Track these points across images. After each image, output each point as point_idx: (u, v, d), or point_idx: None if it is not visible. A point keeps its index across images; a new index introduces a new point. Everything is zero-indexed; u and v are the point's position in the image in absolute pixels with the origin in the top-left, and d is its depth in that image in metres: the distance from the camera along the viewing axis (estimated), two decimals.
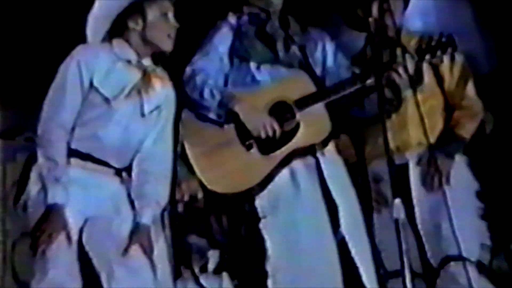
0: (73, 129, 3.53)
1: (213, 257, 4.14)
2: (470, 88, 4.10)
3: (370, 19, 3.86)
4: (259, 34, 4.05)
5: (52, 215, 3.41)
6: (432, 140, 3.95)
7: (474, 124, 4.09)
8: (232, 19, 4.12)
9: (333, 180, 3.88)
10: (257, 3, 4.12)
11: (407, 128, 4.02)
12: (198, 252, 4.12)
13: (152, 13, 3.63)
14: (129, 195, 3.64)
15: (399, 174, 3.83)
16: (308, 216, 3.79)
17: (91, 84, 3.53)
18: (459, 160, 4.04)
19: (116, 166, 3.62)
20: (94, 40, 3.64)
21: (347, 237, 3.79)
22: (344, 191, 3.89)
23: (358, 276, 3.75)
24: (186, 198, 3.83)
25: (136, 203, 3.63)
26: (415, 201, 3.97)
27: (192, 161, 3.87)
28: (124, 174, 3.65)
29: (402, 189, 3.68)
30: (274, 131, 3.85)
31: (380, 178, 3.99)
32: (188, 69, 3.96)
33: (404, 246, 3.34)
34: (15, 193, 3.63)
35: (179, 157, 3.82)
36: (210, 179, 3.87)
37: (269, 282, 3.75)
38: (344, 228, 3.80)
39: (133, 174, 3.66)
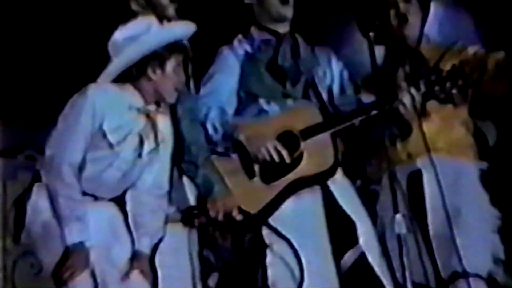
0: (80, 168, 3.54)
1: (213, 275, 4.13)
2: None
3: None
4: (269, 67, 4.01)
5: (75, 254, 3.44)
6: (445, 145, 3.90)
7: None
8: (239, 47, 4.07)
9: (346, 201, 3.90)
10: (266, 23, 4.07)
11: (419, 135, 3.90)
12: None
13: (170, 65, 3.61)
14: (125, 220, 3.68)
15: (412, 182, 3.89)
16: (313, 243, 3.80)
17: (99, 126, 3.54)
18: (471, 174, 3.94)
19: (107, 197, 3.65)
20: (109, 76, 3.62)
21: (366, 252, 3.83)
22: (358, 210, 3.92)
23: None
24: (220, 216, 3.81)
25: (133, 231, 3.67)
26: (429, 211, 3.87)
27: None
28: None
29: (415, 199, 3.84)
30: (281, 155, 3.83)
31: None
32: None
33: (405, 261, 3.42)
34: (14, 215, 3.65)
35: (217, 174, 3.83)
36: None
37: None
38: (362, 243, 3.84)
39: (128, 206, 3.69)
